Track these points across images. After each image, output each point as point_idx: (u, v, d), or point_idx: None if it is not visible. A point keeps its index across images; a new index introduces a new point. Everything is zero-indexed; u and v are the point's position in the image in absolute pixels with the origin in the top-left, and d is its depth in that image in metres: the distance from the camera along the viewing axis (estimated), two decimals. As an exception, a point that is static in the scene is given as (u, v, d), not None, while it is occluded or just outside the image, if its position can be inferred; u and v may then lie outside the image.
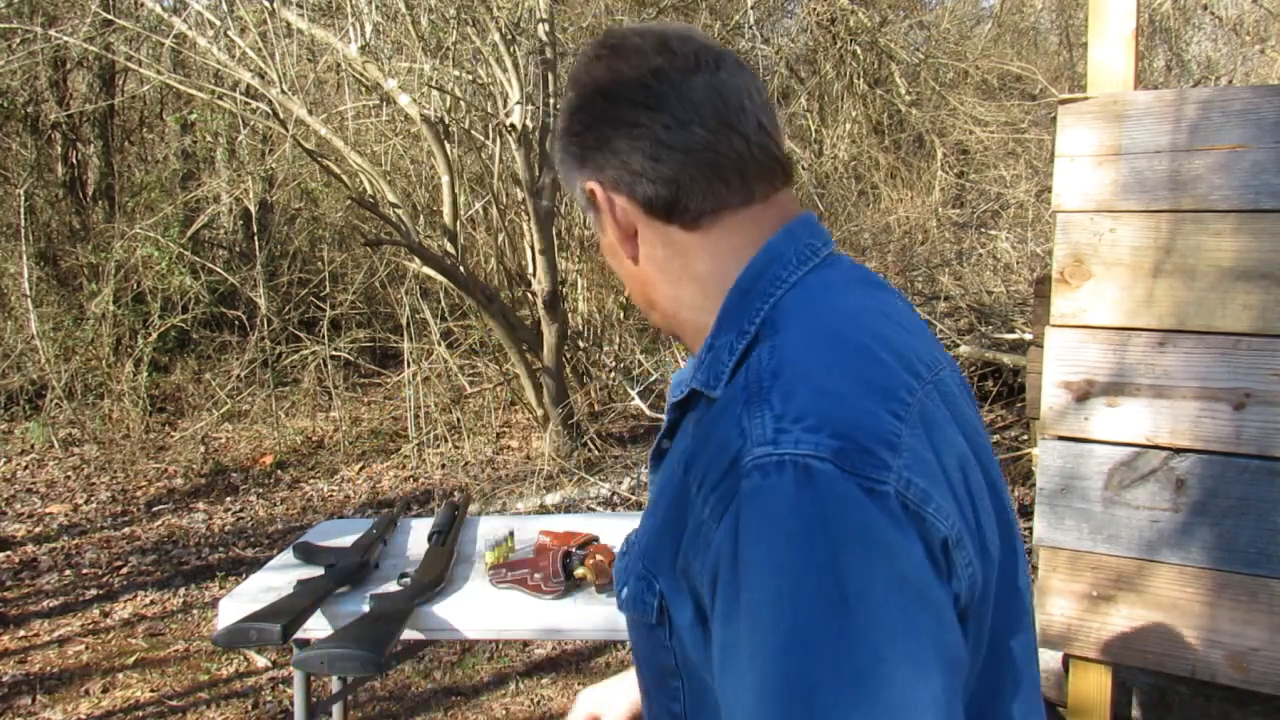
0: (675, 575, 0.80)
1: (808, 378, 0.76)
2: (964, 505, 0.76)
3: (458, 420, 6.14)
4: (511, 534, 2.15)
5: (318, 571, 1.99)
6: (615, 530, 2.24)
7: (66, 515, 5.20)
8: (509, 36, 5.15)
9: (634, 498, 4.99)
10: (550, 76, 5.35)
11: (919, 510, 0.72)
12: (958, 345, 5.33)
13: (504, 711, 3.23)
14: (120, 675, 3.52)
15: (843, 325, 0.82)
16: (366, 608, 1.85)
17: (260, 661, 3.57)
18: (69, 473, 5.83)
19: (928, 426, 0.76)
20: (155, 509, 5.30)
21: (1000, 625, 0.82)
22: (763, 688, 0.68)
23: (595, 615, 1.84)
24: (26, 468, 5.94)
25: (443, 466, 5.74)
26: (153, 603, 4.16)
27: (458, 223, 5.39)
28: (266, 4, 5.04)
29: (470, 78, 5.61)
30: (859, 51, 7.56)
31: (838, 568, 0.68)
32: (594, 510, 4.93)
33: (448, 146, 5.24)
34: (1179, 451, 1.73)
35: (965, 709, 0.75)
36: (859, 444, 0.72)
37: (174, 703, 3.32)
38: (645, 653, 0.88)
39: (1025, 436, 4.22)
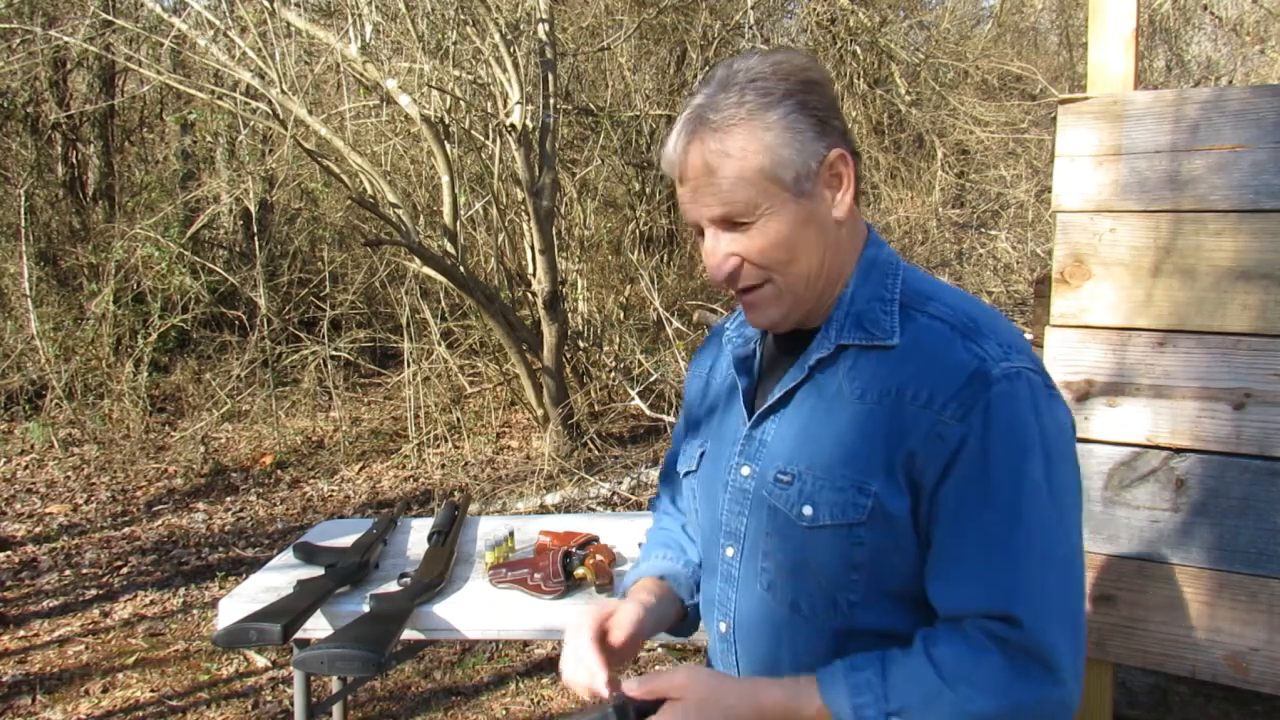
0: (890, 475, 1.08)
1: (994, 322, 1.12)
2: None
3: (458, 420, 6.14)
4: (511, 534, 2.15)
5: (318, 571, 1.99)
6: (615, 530, 2.24)
7: (66, 515, 5.20)
8: (509, 36, 5.15)
9: (634, 497, 4.99)
10: (550, 76, 5.35)
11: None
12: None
13: (504, 711, 3.23)
14: (120, 675, 3.52)
15: (964, 294, 1.19)
16: (366, 608, 1.85)
17: (260, 661, 3.57)
18: (69, 473, 5.83)
19: None
20: (155, 509, 5.30)
21: None
22: (1047, 553, 1.06)
23: (595, 615, 1.84)
24: (26, 468, 5.94)
25: (443, 466, 5.74)
26: (153, 603, 4.16)
27: (458, 223, 5.39)
28: (266, 4, 5.04)
29: (470, 78, 5.61)
30: (859, 51, 7.56)
31: (1066, 456, 1.10)
32: (594, 510, 4.92)
33: (448, 146, 5.24)
34: (1179, 451, 1.73)
35: None
36: (1039, 363, 1.11)
37: (174, 703, 3.32)
38: (823, 558, 1.12)
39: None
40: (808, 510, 1.12)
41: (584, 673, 1.16)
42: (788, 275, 1.13)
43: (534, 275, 5.59)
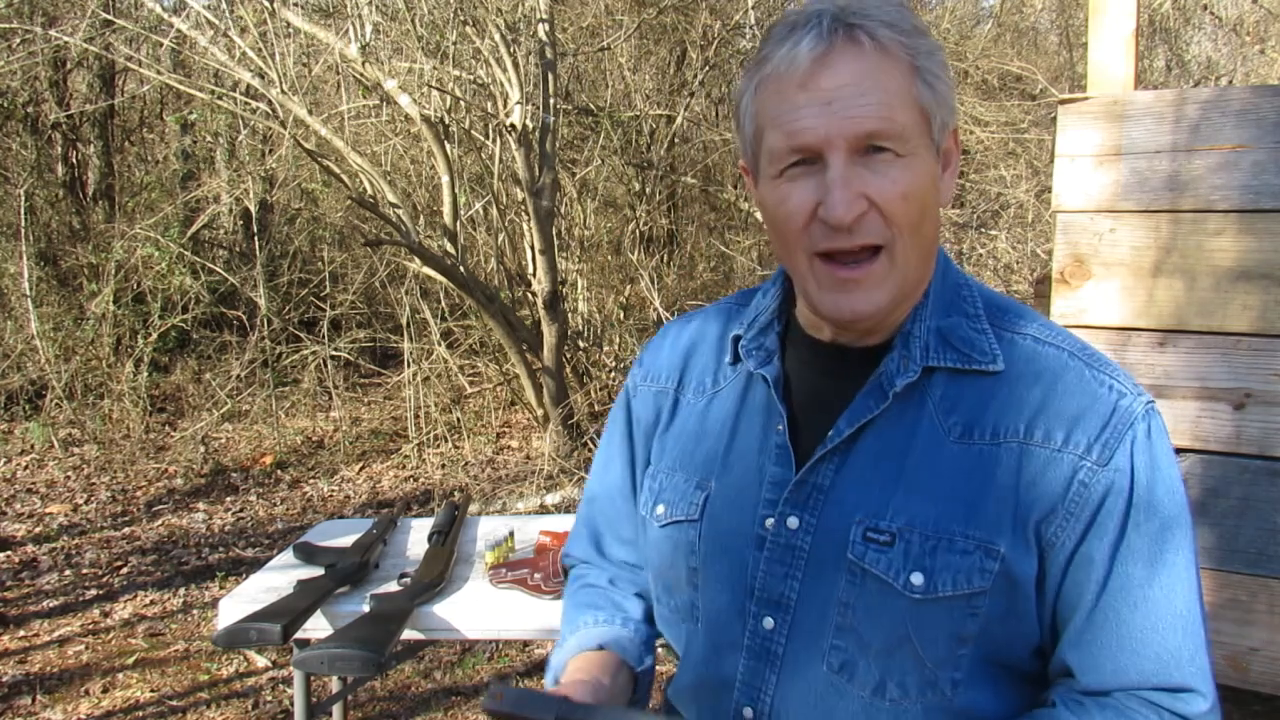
0: (1018, 532, 0.91)
1: (1093, 349, 0.98)
2: None
3: (458, 420, 6.13)
4: (511, 534, 2.15)
5: (318, 571, 1.99)
6: (615, 530, 2.24)
7: (66, 515, 5.20)
8: (509, 37, 5.15)
9: (634, 498, 4.99)
10: (550, 76, 5.34)
11: None
12: (958, 345, 5.31)
13: (504, 711, 3.23)
14: (120, 675, 3.52)
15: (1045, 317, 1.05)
16: (366, 608, 1.85)
17: (260, 661, 3.57)
18: (69, 473, 5.82)
19: None
20: (155, 509, 5.30)
21: None
22: (1189, 617, 0.91)
23: (595, 615, 1.84)
24: (26, 468, 5.94)
25: (443, 466, 5.74)
26: (153, 603, 4.16)
27: (458, 223, 5.38)
28: (266, 4, 5.04)
29: (470, 78, 5.61)
30: (859, 51, 7.55)
31: (1184, 488, 0.95)
32: (594, 510, 4.92)
33: (448, 146, 5.24)
34: (1179, 451, 1.73)
35: None
36: None
37: (174, 703, 3.32)
38: (930, 635, 0.93)
39: (1025, 436, 4.23)
40: (917, 579, 0.91)
41: None
42: (909, 244, 0.93)
43: (534, 275, 5.59)
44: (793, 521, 0.97)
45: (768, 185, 0.95)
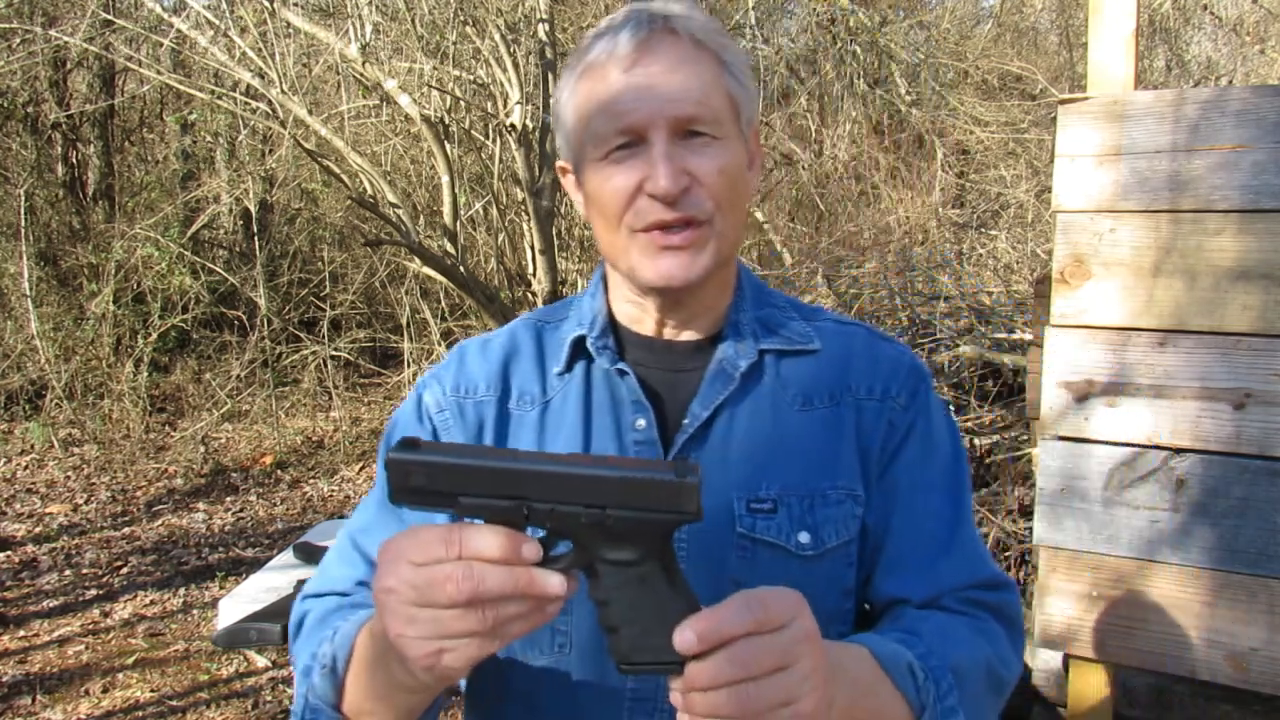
0: (866, 476, 1.03)
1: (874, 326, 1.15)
2: None
3: (458, 420, 6.13)
4: (511, 534, 2.14)
5: (318, 571, 1.99)
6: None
7: (66, 515, 5.20)
8: (509, 37, 5.15)
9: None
10: (550, 76, 5.34)
11: None
12: (958, 345, 5.33)
13: (504, 711, 3.23)
14: (120, 675, 3.52)
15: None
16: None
17: (260, 661, 3.57)
18: (69, 473, 5.82)
19: None
20: (155, 509, 5.30)
21: None
22: (960, 506, 1.05)
23: (595, 615, 1.84)
24: (26, 468, 5.94)
25: (443, 466, 5.74)
26: (153, 603, 4.16)
27: (458, 223, 5.38)
28: (266, 4, 5.04)
29: (470, 78, 5.61)
30: (859, 51, 7.56)
31: None
32: (594, 510, 4.92)
33: (448, 146, 5.24)
34: (1179, 451, 1.73)
35: None
36: None
37: (174, 703, 3.32)
38: (821, 589, 0.96)
39: (1025, 436, 4.22)
40: (804, 538, 0.99)
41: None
42: (726, 219, 0.98)
43: (534, 275, 5.59)
44: None
45: (593, 169, 0.99)
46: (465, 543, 0.71)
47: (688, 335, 1.06)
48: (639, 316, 1.06)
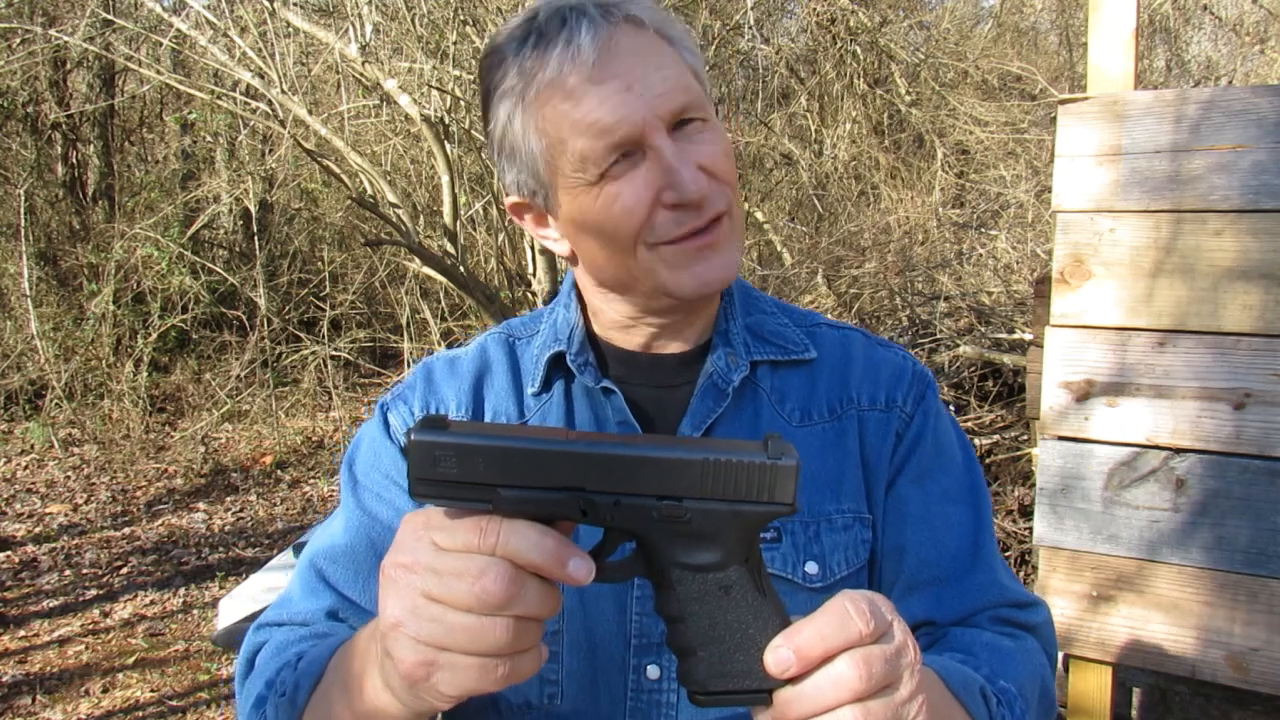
0: (874, 494, 0.96)
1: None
2: None
3: (458, 420, 6.13)
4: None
5: (318, 571, 1.99)
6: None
7: (66, 515, 5.20)
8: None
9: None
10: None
11: None
12: (958, 345, 5.33)
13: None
14: (120, 675, 3.52)
15: None
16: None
17: (260, 661, 3.57)
18: (69, 473, 5.82)
19: None
20: (155, 509, 5.30)
21: None
22: (981, 514, 0.98)
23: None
24: (26, 468, 5.94)
25: (443, 466, 5.74)
26: (153, 603, 4.16)
27: (458, 223, 5.39)
28: (266, 4, 5.04)
29: (470, 78, 5.61)
30: (859, 51, 7.56)
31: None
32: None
33: (448, 146, 5.24)
34: (1179, 451, 1.73)
35: None
36: None
37: (174, 703, 3.32)
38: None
39: (1025, 436, 4.22)
40: (812, 568, 0.91)
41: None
42: (736, 205, 0.91)
43: (534, 275, 5.59)
44: None
45: (582, 194, 0.88)
46: (503, 537, 0.60)
47: (674, 347, 0.97)
48: (629, 330, 0.97)
